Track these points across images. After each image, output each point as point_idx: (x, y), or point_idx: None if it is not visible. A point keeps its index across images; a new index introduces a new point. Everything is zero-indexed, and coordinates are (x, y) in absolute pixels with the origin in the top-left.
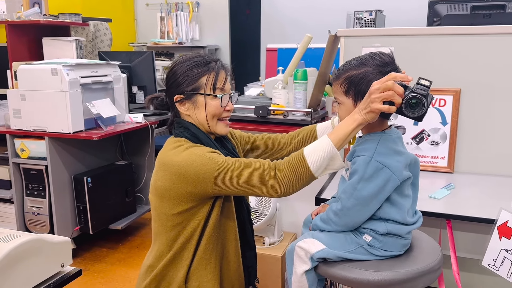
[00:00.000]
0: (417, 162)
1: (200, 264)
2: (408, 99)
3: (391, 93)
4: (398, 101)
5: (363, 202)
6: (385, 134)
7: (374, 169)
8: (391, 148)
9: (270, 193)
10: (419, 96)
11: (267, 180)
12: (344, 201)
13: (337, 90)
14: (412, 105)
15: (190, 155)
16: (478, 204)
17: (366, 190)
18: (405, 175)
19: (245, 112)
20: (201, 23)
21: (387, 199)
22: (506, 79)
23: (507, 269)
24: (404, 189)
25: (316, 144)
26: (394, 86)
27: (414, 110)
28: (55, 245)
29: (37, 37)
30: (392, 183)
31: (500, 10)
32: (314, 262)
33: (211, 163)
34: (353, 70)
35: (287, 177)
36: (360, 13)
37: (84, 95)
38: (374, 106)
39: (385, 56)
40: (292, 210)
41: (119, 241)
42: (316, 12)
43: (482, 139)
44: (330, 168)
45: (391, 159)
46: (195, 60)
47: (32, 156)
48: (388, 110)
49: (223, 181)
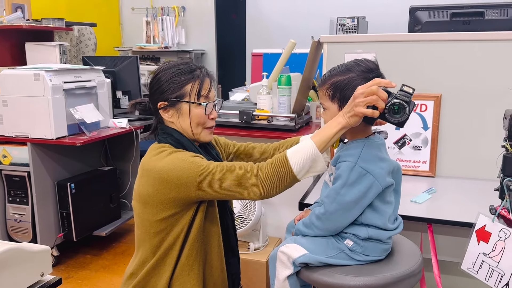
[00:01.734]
0: (400, 169)
1: (183, 270)
2: (391, 105)
3: (375, 97)
4: (382, 106)
5: (346, 207)
6: (369, 140)
7: (358, 175)
8: (375, 154)
9: (253, 195)
10: (402, 102)
11: (250, 182)
12: (327, 205)
13: (323, 96)
14: (395, 110)
15: (173, 160)
16: (459, 208)
17: (349, 195)
18: (388, 181)
19: (229, 118)
20: (187, 28)
21: (370, 205)
22: (486, 84)
23: (485, 272)
24: (387, 196)
25: (299, 146)
26: (378, 91)
27: (396, 115)
28: (34, 254)
29: (20, 42)
30: (374, 189)
31: (479, 17)
32: (296, 267)
33: (193, 167)
34: (339, 76)
35: (269, 178)
36: (343, 19)
37: (67, 100)
38: (358, 110)
39: (370, 63)
40: (277, 215)
41: (103, 248)
42: (300, 17)
43: (463, 144)
44: (312, 170)
45: (375, 166)
46: (180, 67)
47: (14, 163)
48: (372, 114)
49: (206, 185)
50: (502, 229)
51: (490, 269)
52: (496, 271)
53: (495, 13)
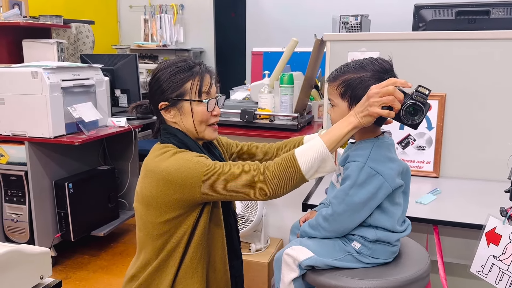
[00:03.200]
0: (409, 170)
1: (187, 273)
2: (408, 106)
3: (391, 98)
4: (398, 107)
5: (354, 208)
6: (378, 140)
7: (367, 176)
8: (385, 155)
9: (259, 195)
10: (419, 104)
11: (256, 182)
12: (335, 206)
13: (333, 92)
14: (411, 112)
15: (178, 160)
16: (465, 209)
17: (358, 196)
18: (398, 182)
19: (230, 117)
20: (186, 26)
21: (378, 207)
22: (491, 84)
23: (495, 275)
24: (396, 197)
25: (308, 145)
26: (395, 92)
27: (413, 117)
28: (34, 256)
29: (17, 39)
30: (384, 190)
31: (485, 15)
32: (302, 270)
33: (198, 166)
34: (352, 73)
35: (276, 177)
36: (346, 17)
37: (65, 98)
38: (373, 110)
39: (385, 63)
40: (278, 216)
41: (101, 248)
42: (301, 15)
43: (467, 144)
44: (321, 170)
45: (384, 166)
46: (179, 65)
47: (12, 162)
48: (388, 115)
49: (211, 185)
50: None
51: (500, 272)
52: (506, 274)
53: (501, 11)
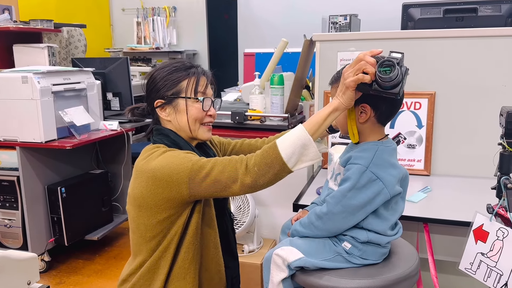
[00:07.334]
0: (407, 176)
1: (179, 274)
2: (381, 63)
3: (362, 63)
4: (371, 71)
5: (350, 210)
6: (382, 144)
7: (368, 180)
8: (387, 160)
9: (241, 187)
10: (391, 59)
11: (238, 173)
12: (331, 205)
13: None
14: (386, 72)
15: (166, 157)
16: (455, 206)
17: (355, 199)
18: (397, 190)
19: (222, 118)
20: (179, 28)
21: (374, 211)
22: (480, 81)
23: (483, 272)
24: (392, 203)
25: (289, 132)
26: (364, 56)
27: (389, 75)
28: (21, 262)
29: (7, 44)
30: (382, 196)
31: (472, 13)
32: (291, 270)
33: (184, 161)
34: None
35: (257, 165)
36: (335, 17)
37: (57, 103)
38: (348, 81)
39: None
40: (271, 216)
41: (95, 252)
42: (292, 16)
43: (457, 141)
44: (304, 159)
45: (386, 172)
46: (175, 66)
47: (3, 167)
48: (363, 78)
49: (197, 181)
50: (500, 228)
51: (488, 269)
52: (494, 271)
53: (488, 9)
